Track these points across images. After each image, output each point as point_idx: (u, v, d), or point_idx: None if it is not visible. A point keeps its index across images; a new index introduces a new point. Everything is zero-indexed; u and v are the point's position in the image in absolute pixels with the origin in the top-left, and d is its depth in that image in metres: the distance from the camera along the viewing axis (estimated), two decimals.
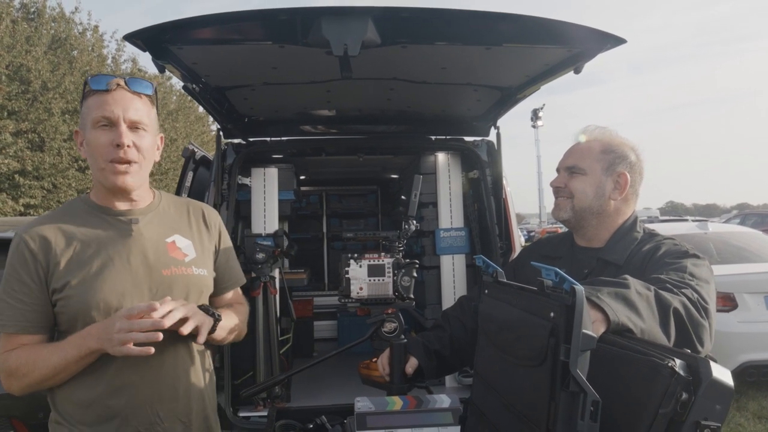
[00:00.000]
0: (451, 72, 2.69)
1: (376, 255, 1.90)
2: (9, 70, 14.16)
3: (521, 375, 1.04)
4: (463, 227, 3.91)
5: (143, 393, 1.51)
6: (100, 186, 1.56)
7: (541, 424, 0.92)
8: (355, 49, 2.07)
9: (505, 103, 3.22)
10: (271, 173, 3.85)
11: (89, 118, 1.48)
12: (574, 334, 0.86)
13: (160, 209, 1.66)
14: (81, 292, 1.45)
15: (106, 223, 1.55)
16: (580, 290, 0.87)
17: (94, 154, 1.49)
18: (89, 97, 1.49)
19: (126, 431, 1.49)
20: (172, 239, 1.64)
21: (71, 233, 1.50)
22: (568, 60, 2.40)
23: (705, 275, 1.46)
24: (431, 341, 1.84)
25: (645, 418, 0.89)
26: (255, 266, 3.59)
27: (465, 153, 3.84)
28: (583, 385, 0.86)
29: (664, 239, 1.64)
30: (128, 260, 1.53)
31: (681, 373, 0.86)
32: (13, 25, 14.52)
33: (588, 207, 1.70)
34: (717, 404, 0.86)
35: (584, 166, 1.71)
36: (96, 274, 1.48)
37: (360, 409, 1.51)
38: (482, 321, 1.34)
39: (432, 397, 1.56)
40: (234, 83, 2.85)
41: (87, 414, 1.48)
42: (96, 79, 1.49)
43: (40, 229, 1.49)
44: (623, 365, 0.97)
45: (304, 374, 4.62)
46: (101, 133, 1.47)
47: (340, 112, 3.49)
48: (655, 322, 1.20)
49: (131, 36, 2.03)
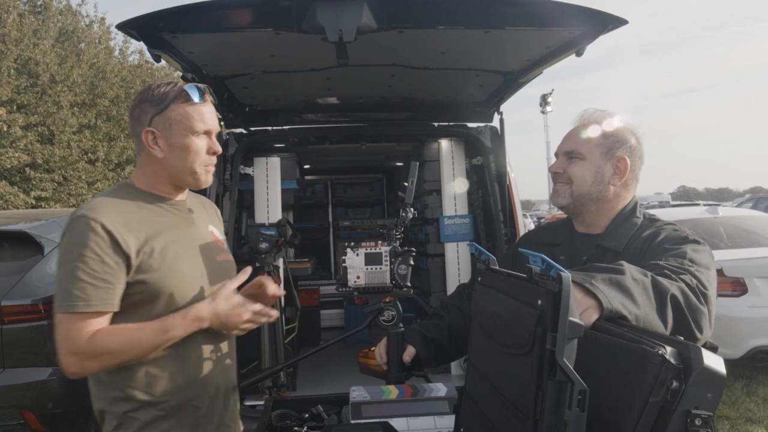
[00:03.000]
0: (451, 57, 2.65)
1: (373, 243, 1.88)
2: (17, 63, 14.24)
3: (510, 363, 1.02)
4: (468, 214, 3.88)
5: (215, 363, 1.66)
6: (165, 180, 1.65)
7: (528, 413, 0.90)
8: (351, 35, 2.04)
9: (507, 88, 3.18)
10: (274, 163, 3.84)
11: (186, 125, 1.59)
12: (560, 322, 0.83)
13: (191, 202, 1.78)
14: (164, 275, 1.54)
15: (167, 212, 1.65)
16: (566, 277, 0.85)
17: (186, 157, 1.60)
18: (186, 105, 1.60)
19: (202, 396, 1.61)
20: (211, 228, 1.80)
21: (140, 218, 1.57)
22: (569, 42, 2.36)
23: (705, 261, 1.42)
24: (429, 330, 1.83)
25: (635, 407, 0.86)
26: (258, 256, 3.58)
27: (468, 139, 3.80)
28: (570, 374, 0.83)
29: (664, 225, 1.61)
30: (194, 246, 1.67)
31: (671, 361, 0.84)
32: (20, 19, 14.57)
33: (587, 193, 1.67)
34: (708, 392, 0.83)
35: (583, 151, 1.68)
36: (175, 259, 1.57)
37: (355, 398, 1.51)
38: (475, 309, 1.32)
39: (428, 385, 1.55)
40: (233, 72, 2.83)
41: (168, 384, 1.56)
42: (193, 90, 1.61)
43: (111, 211, 1.52)
44: (614, 353, 0.95)
45: (311, 363, 4.67)
46: (200, 141, 1.62)
47: (341, 99, 3.47)
48: (651, 308, 1.17)
49: (124, 25, 2.02)
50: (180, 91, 1.60)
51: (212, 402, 1.65)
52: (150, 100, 1.61)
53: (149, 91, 1.63)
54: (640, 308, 1.14)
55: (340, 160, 5.23)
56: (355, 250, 1.87)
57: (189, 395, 1.59)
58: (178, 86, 1.62)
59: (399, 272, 1.82)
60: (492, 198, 3.65)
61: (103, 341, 1.46)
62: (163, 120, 1.59)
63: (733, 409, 4.74)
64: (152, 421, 1.54)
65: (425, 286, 4.36)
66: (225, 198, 3.52)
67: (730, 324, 5.12)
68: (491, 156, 3.67)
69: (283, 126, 3.72)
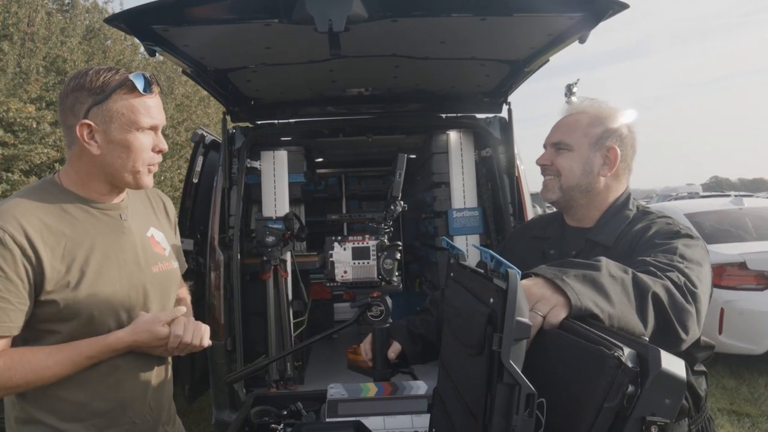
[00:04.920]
0: (451, 46, 2.59)
1: (360, 237, 1.84)
2: (45, 61, 14.52)
3: (467, 363, 0.98)
4: (477, 207, 3.81)
5: (140, 384, 1.51)
6: (100, 179, 1.47)
7: (479, 416, 0.86)
8: (341, 24, 2.00)
9: (514, 78, 3.10)
10: (281, 156, 3.82)
11: (129, 119, 1.41)
12: (506, 321, 0.79)
13: (131, 201, 1.60)
14: (83, 294, 1.37)
15: (94, 218, 1.46)
16: (513, 274, 0.80)
17: (127, 155, 1.43)
18: (130, 96, 1.41)
19: (121, 422, 1.47)
20: (150, 233, 1.61)
21: (56, 227, 1.38)
22: (571, 28, 2.28)
23: (697, 257, 1.35)
24: (416, 325, 1.79)
25: (590, 412, 0.81)
26: (265, 249, 3.59)
27: (477, 131, 3.73)
28: (516, 377, 0.79)
29: (657, 218, 1.53)
30: (124, 259, 1.48)
31: (628, 364, 0.78)
32: (48, 17, 14.86)
33: (576, 185, 1.60)
34: (666, 398, 0.78)
35: (570, 142, 1.60)
36: (96, 275, 1.40)
37: (333, 395, 1.48)
38: (445, 305, 1.28)
39: (408, 383, 1.51)
40: (233, 65, 2.81)
41: (84, 410, 1.42)
42: (139, 79, 1.41)
43: (21, 219, 1.33)
44: (574, 354, 0.89)
45: (320, 357, 4.68)
46: (144, 137, 1.44)
47: (346, 92, 3.43)
48: (629, 307, 1.11)
49: (112, 19, 2.01)
50: (124, 79, 1.40)
51: (136, 430, 1.50)
52: (87, 88, 1.39)
53: (86, 78, 1.40)
54: (615, 307, 1.08)
55: (351, 153, 5.19)
56: (342, 245, 1.84)
57: (104, 423, 1.44)
58: (122, 74, 1.42)
59: (385, 267, 1.78)
60: (501, 190, 3.58)
61: (4, 374, 1.30)
62: (102, 112, 1.39)
63: (755, 407, 4.58)
64: None
65: (435, 279, 4.31)
66: (232, 192, 3.53)
67: (753, 318, 4.96)
68: (500, 147, 3.60)
69: (289, 119, 3.70)
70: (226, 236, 3.48)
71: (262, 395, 1.66)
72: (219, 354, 3.39)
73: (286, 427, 1.48)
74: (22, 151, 14.16)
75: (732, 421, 4.35)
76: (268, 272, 3.61)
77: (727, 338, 5.12)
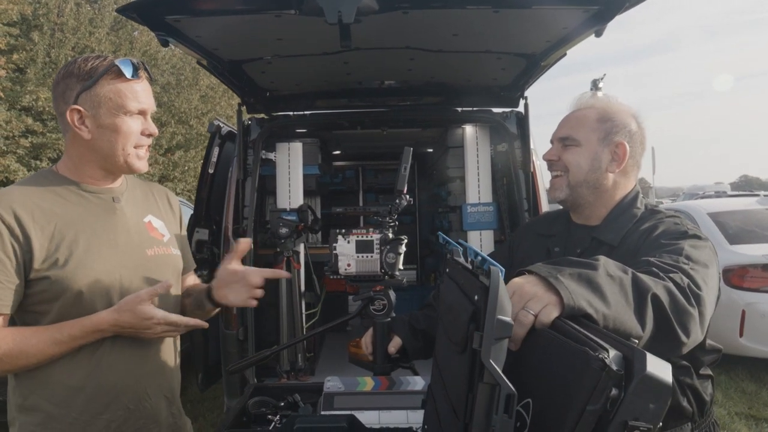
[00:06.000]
0: (465, 39, 2.55)
1: (364, 231, 1.84)
2: (74, 51, 14.80)
3: (454, 361, 0.96)
4: (491, 202, 3.78)
5: (134, 370, 1.51)
6: (93, 164, 1.51)
7: (461, 415, 0.85)
8: (350, 16, 1.99)
9: (531, 72, 3.05)
10: (296, 148, 3.84)
11: (117, 104, 1.45)
12: (487, 319, 0.77)
13: (130, 190, 1.63)
14: (71, 271, 1.40)
15: (85, 200, 1.50)
16: (496, 272, 0.78)
17: (116, 139, 1.47)
18: (117, 81, 1.45)
19: (116, 408, 1.47)
20: (148, 219, 1.63)
21: (48, 208, 1.43)
22: (586, 22, 2.22)
23: (704, 258, 1.31)
24: (418, 320, 1.78)
25: (573, 414, 0.79)
26: (278, 241, 3.61)
27: (493, 125, 3.69)
28: (496, 377, 0.77)
29: (664, 217, 1.49)
30: (115, 239, 1.50)
31: (612, 367, 0.76)
32: (77, 8, 15.15)
33: (584, 180, 1.56)
34: (651, 403, 0.75)
35: (578, 137, 1.57)
36: (85, 253, 1.43)
37: (329, 389, 1.48)
38: (440, 301, 1.26)
39: (406, 378, 1.50)
40: (247, 56, 2.82)
41: (78, 395, 1.44)
42: (125, 65, 1.46)
43: (12, 201, 1.39)
44: (560, 355, 0.87)
45: (333, 348, 4.69)
46: (132, 121, 1.48)
47: (361, 84, 3.42)
48: (627, 308, 1.08)
49: (125, 9, 2.02)
50: (111, 65, 1.45)
51: (131, 416, 1.49)
52: (76, 74, 1.44)
53: (75, 65, 1.46)
54: (611, 307, 1.05)
55: (367, 146, 5.19)
56: (346, 238, 1.84)
57: (98, 408, 1.45)
58: (109, 60, 1.46)
59: (387, 260, 1.77)
60: (516, 186, 3.54)
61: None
62: (90, 97, 1.43)
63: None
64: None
65: None
66: (247, 183, 3.55)
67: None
68: (516, 142, 3.56)
69: (304, 111, 3.71)
70: (241, 227, 3.51)
71: (261, 386, 1.67)
72: (231, 343, 3.43)
73: (282, 418, 1.49)
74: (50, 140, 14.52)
75: (750, 425, 4.26)
76: (281, 263, 3.64)
77: (748, 341, 5.00)
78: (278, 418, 1.50)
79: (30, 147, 14.16)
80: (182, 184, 17.91)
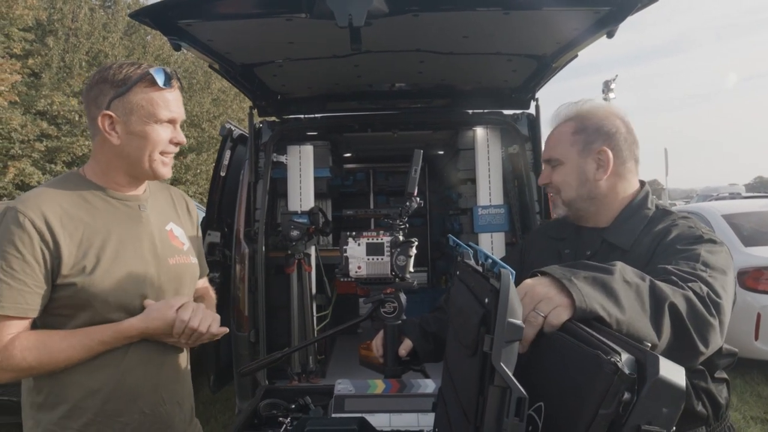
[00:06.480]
0: (475, 41, 2.55)
1: (375, 233, 1.84)
2: (88, 56, 14.99)
3: (464, 364, 0.96)
4: (503, 204, 3.77)
5: (152, 376, 1.53)
6: (120, 170, 1.52)
7: (472, 418, 0.84)
8: (361, 19, 1.99)
9: (542, 73, 3.04)
10: (307, 151, 3.85)
11: (148, 112, 1.47)
12: (497, 322, 0.77)
13: (153, 197, 1.64)
14: (98, 279, 1.40)
15: (113, 207, 1.51)
16: (506, 274, 0.78)
17: (144, 146, 1.48)
18: (150, 90, 1.47)
19: (132, 411, 1.48)
20: (169, 227, 1.64)
21: (76, 214, 1.43)
22: (598, 23, 2.22)
23: (721, 263, 1.29)
24: (429, 323, 1.77)
25: (584, 418, 0.79)
26: (289, 243, 3.62)
27: (504, 127, 3.68)
28: (507, 380, 0.77)
29: (678, 219, 1.48)
30: (141, 248, 1.52)
31: (625, 371, 0.75)
32: (91, 13, 15.34)
33: (576, 197, 1.55)
34: (664, 407, 0.74)
35: (559, 156, 1.56)
36: (112, 261, 1.44)
37: (339, 391, 1.48)
38: (450, 304, 1.26)
39: (416, 381, 1.50)
40: (258, 60, 2.84)
41: (95, 396, 1.45)
42: (159, 74, 1.47)
43: (42, 205, 1.39)
44: (572, 358, 0.87)
45: (344, 351, 4.69)
46: (162, 129, 1.50)
47: (372, 87, 3.43)
48: (643, 315, 1.06)
49: (138, 14, 2.05)
50: (144, 73, 1.46)
51: (146, 420, 1.50)
52: (110, 81, 1.46)
53: (109, 71, 1.47)
54: (626, 313, 1.03)
55: (378, 149, 5.19)
56: (357, 240, 1.84)
57: (114, 411, 1.45)
58: (143, 68, 1.48)
59: (398, 263, 1.77)
60: (527, 188, 3.53)
61: (18, 354, 1.34)
62: (123, 104, 1.45)
63: None
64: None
65: None
66: (258, 186, 3.57)
67: None
68: (527, 144, 3.55)
69: (315, 114, 3.72)
70: (252, 230, 3.53)
71: (273, 388, 1.67)
72: (242, 345, 3.44)
73: (293, 420, 1.49)
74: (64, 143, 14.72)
75: (765, 429, 4.20)
76: (292, 266, 3.65)
77: (764, 344, 4.94)
78: (289, 420, 1.50)
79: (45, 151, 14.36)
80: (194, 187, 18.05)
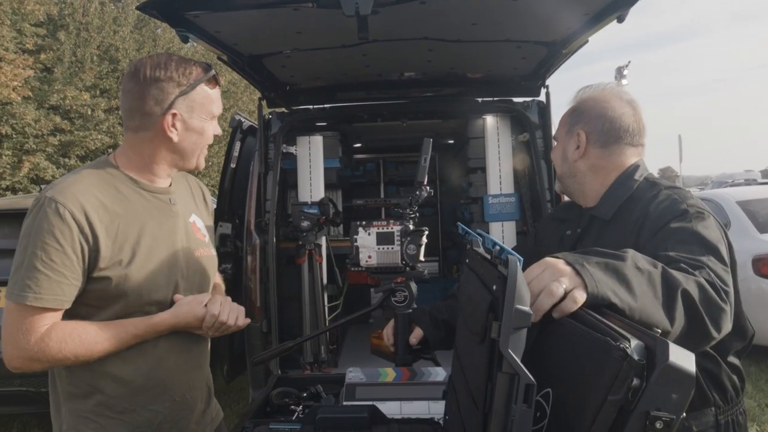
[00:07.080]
0: (483, 28, 2.53)
1: (385, 222, 1.84)
2: (99, 50, 15.07)
3: (473, 351, 0.96)
4: (513, 193, 3.75)
5: (183, 365, 1.56)
6: (165, 162, 1.54)
7: (480, 405, 0.85)
8: (367, 7, 1.98)
9: (552, 60, 3.01)
10: (316, 141, 3.85)
11: (207, 109, 1.53)
12: (505, 309, 0.76)
13: (176, 187, 1.65)
14: (133, 272, 1.42)
15: (145, 200, 1.52)
16: (514, 261, 0.78)
17: (199, 141, 1.55)
18: (209, 88, 1.54)
19: (163, 399, 1.51)
20: (193, 219, 1.66)
21: (110, 206, 1.43)
22: (608, 7, 2.19)
23: (714, 237, 1.31)
24: (440, 311, 1.78)
25: (594, 404, 0.78)
26: (300, 234, 3.63)
27: (514, 115, 3.66)
28: (515, 367, 0.77)
29: (663, 188, 1.50)
30: (173, 241, 1.54)
31: (634, 357, 0.75)
32: (101, 8, 15.41)
33: (561, 173, 1.70)
34: (673, 393, 0.74)
35: (557, 135, 1.72)
36: (146, 255, 1.46)
37: (351, 379, 1.49)
38: (459, 292, 1.26)
39: (427, 370, 1.50)
40: (266, 51, 2.83)
41: (128, 386, 1.47)
42: (213, 72, 1.54)
43: (80, 197, 1.38)
44: (581, 344, 0.87)
45: (356, 340, 4.72)
46: (213, 125, 1.58)
47: (381, 76, 3.41)
48: (655, 302, 1.06)
49: (145, 6, 2.05)
50: (209, 73, 1.53)
51: (175, 407, 1.54)
52: (176, 80, 1.47)
53: (166, 70, 1.47)
54: (638, 299, 1.03)
55: (388, 139, 5.17)
56: (367, 229, 1.84)
57: (146, 400, 1.49)
58: (204, 66, 1.53)
59: (408, 252, 1.77)
60: (538, 176, 3.51)
61: (54, 345, 1.35)
62: (186, 102, 1.48)
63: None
64: (106, 424, 1.45)
65: None
66: (268, 177, 3.58)
67: None
68: (538, 132, 3.52)
69: (324, 104, 3.72)
70: (263, 220, 3.54)
71: (285, 377, 1.69)
72: (255, 335, 3.47)
73: (304, 408, 1.51)
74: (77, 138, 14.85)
75: None
76: (303, 256, 3.66)
77: None
78: (301, 408, 1.52)
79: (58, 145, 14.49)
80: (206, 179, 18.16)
